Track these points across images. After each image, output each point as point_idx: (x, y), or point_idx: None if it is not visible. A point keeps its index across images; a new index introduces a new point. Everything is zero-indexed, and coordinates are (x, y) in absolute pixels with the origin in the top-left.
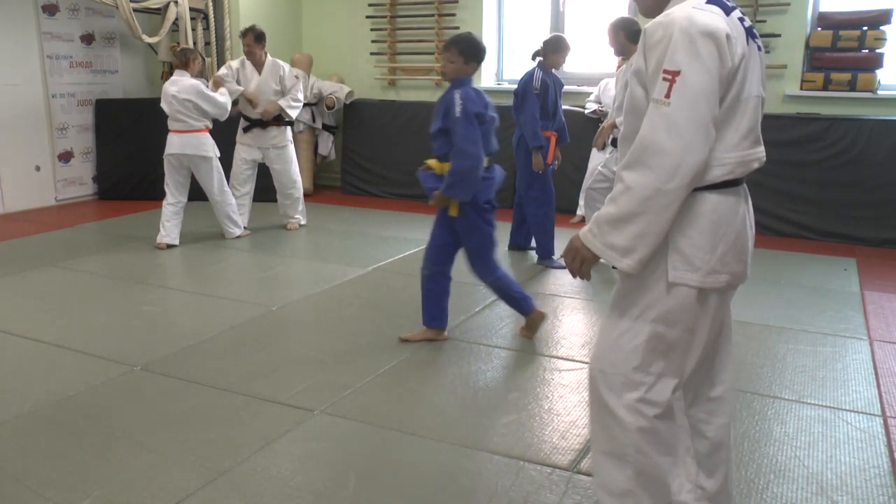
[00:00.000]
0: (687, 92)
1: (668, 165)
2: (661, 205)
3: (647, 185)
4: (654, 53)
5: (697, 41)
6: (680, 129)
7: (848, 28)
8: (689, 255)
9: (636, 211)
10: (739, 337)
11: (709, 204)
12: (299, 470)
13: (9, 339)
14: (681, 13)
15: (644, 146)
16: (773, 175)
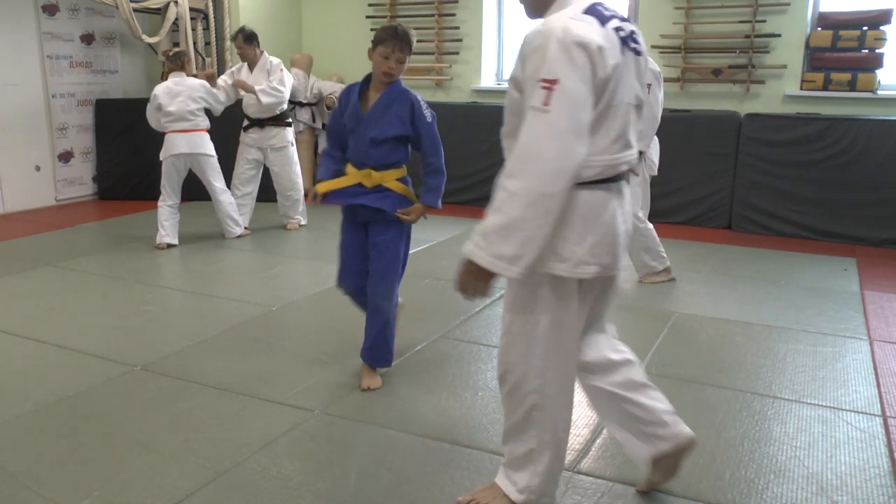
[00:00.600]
0: (565, 100)
1: (552, 170)
2: (545, 208)
3: (531, 191)
4: (530, 61)
5: (573, 51)
6: (561, 136)
7: (848, 28)
8: (557, 247)
9: (523, 217)
10: (739, 337)
11: (576, 200)
12: (299, 470)
13: (9, 339)
14: (557, 23)
15: (526, 153)
16: (773, 175)
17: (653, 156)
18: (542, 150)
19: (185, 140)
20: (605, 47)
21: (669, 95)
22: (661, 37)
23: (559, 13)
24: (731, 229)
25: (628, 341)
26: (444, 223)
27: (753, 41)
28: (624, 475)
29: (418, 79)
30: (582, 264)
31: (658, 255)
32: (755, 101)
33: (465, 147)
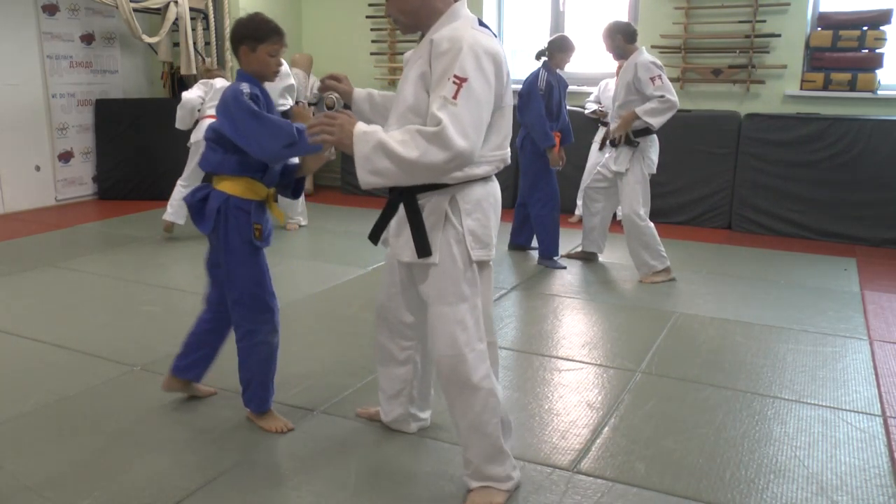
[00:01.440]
0: (472, 97)
1: (450, 156)
2: (426, 175)
3: (430, 159)
4: (440, 61)
5: (482, 58)
6: (464, 128)
7: (848, 28)
8: (481, 236)
9: (410, 166)
10: (739, 337)
11: (484, 192)
12: (299, 470)
13: (9, 339)
14: (466, 33)
15: (429, 133)
16: (773, 175)
17: (652, 154)
18: (448, 136)
19: None
20: (503, 58)
21: None
22: (661, 37)
23: (456, 24)
24: (731, 229)
25: (629, 341)
26: None
27: (753, 41)
28: (624, 475)
29: None
30: (491, 248)
31: (658, 254)
32: (755, 101)
33: None
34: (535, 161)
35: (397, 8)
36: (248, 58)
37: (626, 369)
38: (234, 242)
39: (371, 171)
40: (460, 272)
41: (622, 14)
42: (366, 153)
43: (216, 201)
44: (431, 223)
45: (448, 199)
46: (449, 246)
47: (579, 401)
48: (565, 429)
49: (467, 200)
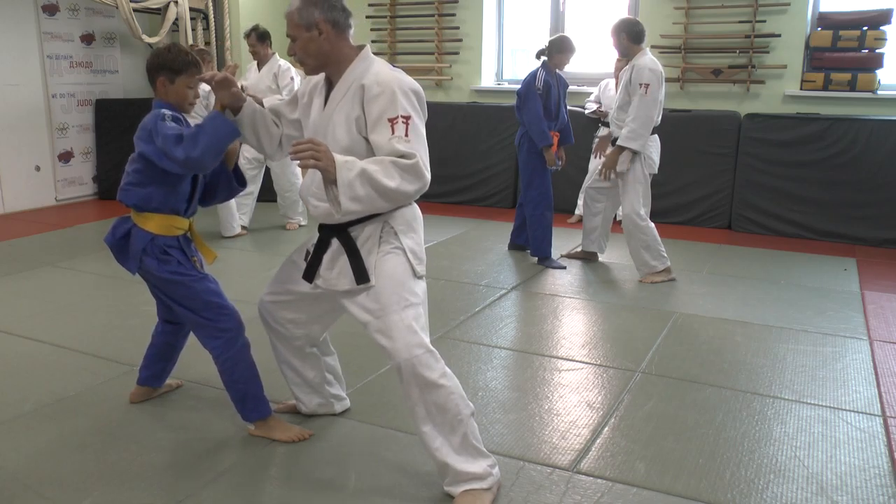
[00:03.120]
0: (417, 132)
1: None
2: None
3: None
4: (376, 104)
5: (410, 96)
6: (426, 161)
7: (848, 28)
8: (419, 253)
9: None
10: (739, 337)
11: (411, 213)
12: (299, 470)
13: (9, 339)
14: (389, 75)
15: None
16: (773, 175)
17: (652, 154)
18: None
19: None
20: (422, 92)
21: (670, 95)
22: (661, 37)
23: (376, 69)
24: (731, 229)
25: (629, 341)
26: (445, 223)
27: (753, 41)
28: (624, 475)
29: (418, 79)
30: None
31: (659, 254)
32: (755, 101)
33: (465, 147)
34: (531, 160)
35: (304, 51)
36: (166, 89)
37: (626, 369)
38: (169, 273)
39: (352, 197)
40: (404, 285)
41: (622, 14)
42: (349, 180)
43: (140, 242)
44: (367, 250)
45: (381, 226)
46: (388, 266)
47: (579, 401)
48: (565, 429)
49: (400, 223)
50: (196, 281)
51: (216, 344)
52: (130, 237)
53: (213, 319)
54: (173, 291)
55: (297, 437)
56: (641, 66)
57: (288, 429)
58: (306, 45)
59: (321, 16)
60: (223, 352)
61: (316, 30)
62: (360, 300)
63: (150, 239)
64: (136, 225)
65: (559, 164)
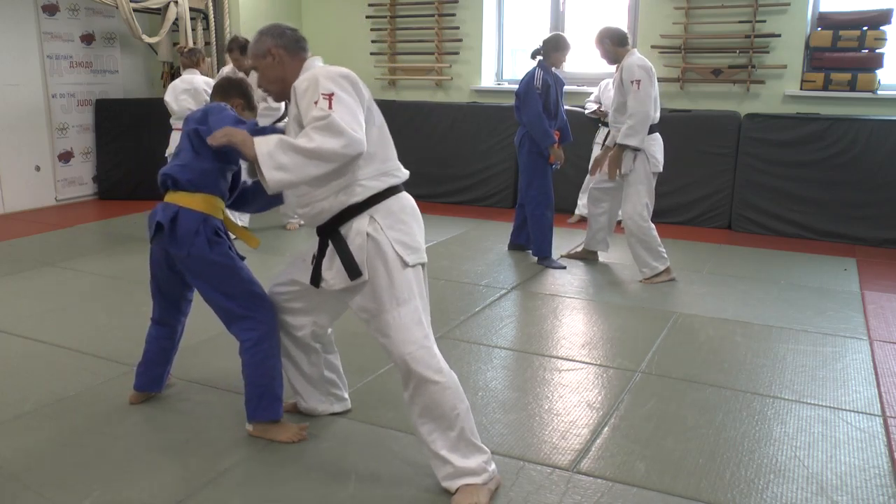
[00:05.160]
0: (343, 103)
1: (344, 141)
2: (327, 164)
3: (328, 146)
4: (304, 97)
5: (337, 78)
6: (348, 122)
7: (848, 28)
8: (409, 243)
9: (310, 154)
10: (739, 337)
11: (398, 205)
12: (299, 470)
13: (9, 339)
14: (315, 69)
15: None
16: (773, 175)
17: (656, 153)
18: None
19: None
20: (358, 79)
21: (670, 95)
22: (661, 37)
23: (311, 70)
24: (731, 229)
25: (629, 341)
26: (445, 223)
27: (753, 41)
28: (624, 475)
29: (418, 79)
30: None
31: (659, 254)
32: (755, 101)
33: (465, 147)
34: (532, 160)
35: (265, 79)
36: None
37: (626, 369)
38: (219, 256)
39: (275, 166)
40: (395, 280)
41: (622, 14)
42: (269, 150)
43: (193, 222)
44: (357, 245)
45: (367, 220)
46: (378, 260)
47: (579, 401)
48: (565, 429)
49: (384, 216)
50: (242, 269)
51: (251, 335)
52: (178, 220)
53: (254, 310)
54: (218, 276)
55: (296, 438)
56: (630, 65)
57: (287, 429)
58: (265, 72)
59: (272, 42)
60: (256, 343)
61: (270, 56)
62: (358, 301)
63: (202, 219)
64: (182, 207)
65: (558, 163)
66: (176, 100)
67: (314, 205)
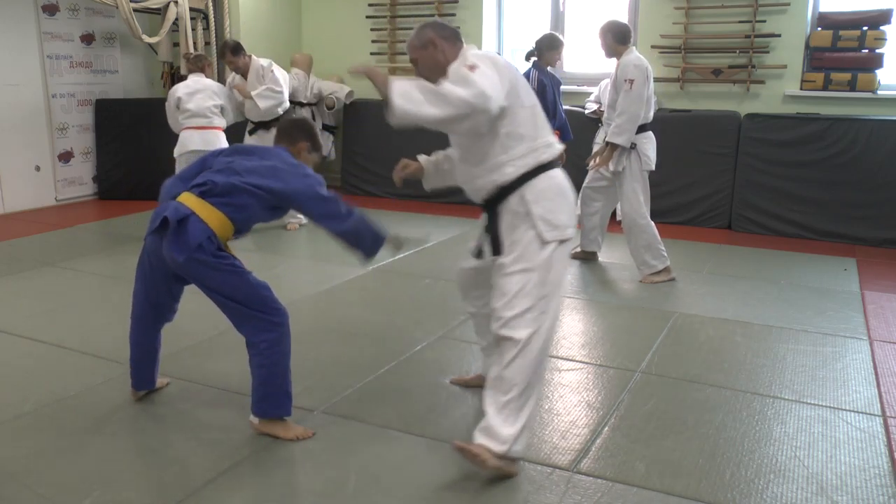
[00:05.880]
0: (484, 72)
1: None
2: (451, 106)
3: (457, 93)
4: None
5: (481, 57)
6: (484, 80)
7: (848, 28)
8: (551, 220)
9: (437, 94)
10: (739, 337)
11: (547, 183)
12: (299, 470)
13: (9, 339)
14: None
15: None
16: (773, 175)
17: (648, 151)
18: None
19: (200, 137)
20: (506, 63)
21: (670, 95)
22: (661, 37)
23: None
24: (731, 229)
25: (629, 341)
26: (444, 223)
27: (753, 41)
28: (624, 475)
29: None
30: (567, 227)
31: (659, 254)
32: (755, 101)
33: None
34: None
35: (426, 67)
36: (303, 155)
37: (626, 369)
38: (228, 267)
39: (402, 93)
40: (525, 250)
41: (622, 14)
42: (405, 86)
43: (201, 234)
44: (507, 222)
45: (518, 199)
46: (522, 235)
47: (579, 401)
48: (565, 429)
49: (532, 193)
50: (248, 273)
51: (268, 337)
52: (188, 224)
53: (267, 313)
54: (225, 282)
55: (301, 436)
56: (626, 63)
57: (292, 428)
58: (426, 62)
59: (434, 33)
60: (273, 344)
61: (431, 46)
62: (502, 263)
63: (209, 235)
64: (195, 214)
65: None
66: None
67: (473, 181)
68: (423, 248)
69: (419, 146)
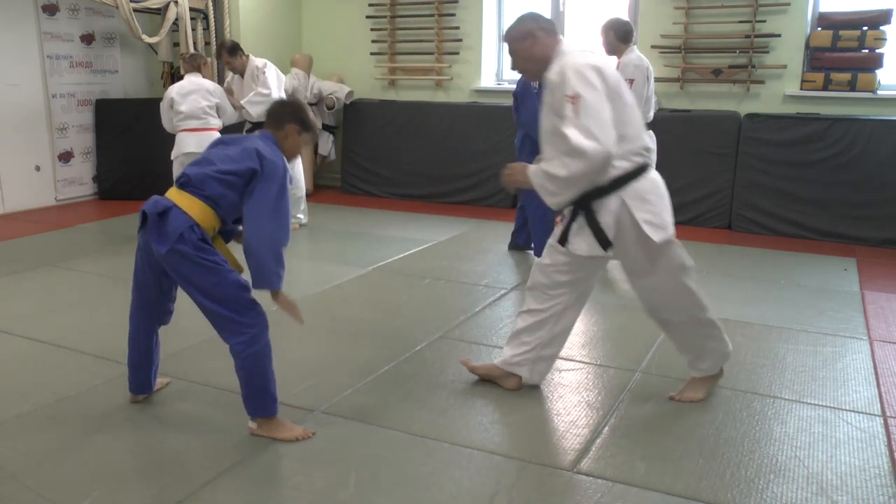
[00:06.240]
0: (587, 106)
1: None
2: (584, 180)
3: (574, 170)
4: (556, 90)
5: (584, 72)
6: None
7: (848, 28)
8: (656, 222)
9: (566, 181)
10: (739, 337)
11: (647, 185)
12: (299, 470)
13: (9, 339)
14: (565, 60)
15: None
16: (773, 175)
17: None
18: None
19: (196, 139)
20: (605, 65)
21: (669, 95)
22: (661, 37)
23: (561, 59)
24: (731, 229)
25: (629, 341)
26: (444, 223)
27: (753, 41)
28: (624, 475)
29: (418, 79)
30: (670, 226)
31: None
32: (755, 101)
33: (464, 147)
34: (532, 160)
35: (523, 58)
36: (290, 137)
37: (626, 369)
38: (207, 263)
39: (550, 193)
40: (641, 254)
41: (622, 14)
42: (539, 183)
43: (180, 224)
44: (606, 223)
45: (618, 202)
46: (628, 238)
47: (579, 401)
48: (565, 429)
49: (634, 198)
50: (228, 272)
51: (239, 340)
52: (169, 216)
53: (240, 314)
54: (203, 279)
55: (300, 436)
56: (626, 63)
57: (291, 428)
58: (524, 54)
59: (534, 25)
60: (245, 348)
61: (531, 38)
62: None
63: (190, 225)
64: (177, 205)
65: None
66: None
67: None
68: (424, 248)
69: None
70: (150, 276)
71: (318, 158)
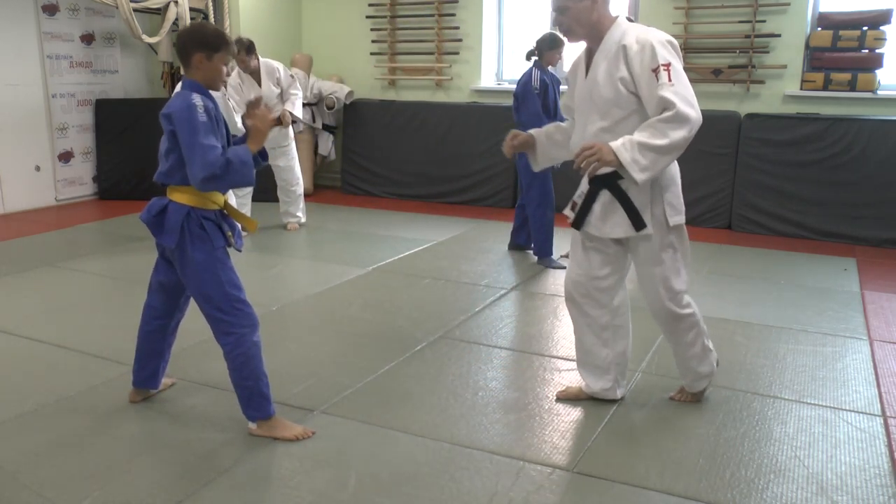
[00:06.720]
0: (679, 74)
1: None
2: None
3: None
4: (639, 59)
5: (667, 45)
6: (688, 100)
7: (848, 28)
8: (676, 205)
9: (666, 149)
10: (739, 337)
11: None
12: (299, 470)
13: (9, 339)
14: (642, 32)
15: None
16: (773, 175)
17: None
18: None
19: None
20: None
21: None
22: None
23: (628, 29)
24: (731, 229)
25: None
26: (445, 223)
27: (753, 41)
28: (624, 475)
29: (418, 79)
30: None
31: None
32: (755, 101)
33: (465, 147)
34: None
35: (576, 21)
36: (202, 66)
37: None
38: (201, 254)
39: (640, 168)
40: (665, 237)
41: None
42: (632, 157)
43: (177, 215)
44: (640, 202)
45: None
46: (655, 218)
47: (579, 400)
48: (565, 429)
49: (665, 177)
50: (222, 269)
51: (229, 340)
52: (167, 212)
53: (229, 313)
54: (199, 275)
55: (300, 436)
56: None
57: (291, 428)
58: (578, 15)
59: None
60: (234, 348)
61: (592, 1)
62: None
63: (186, 212)
64: (171, 200)
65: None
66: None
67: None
68: (424, 248)
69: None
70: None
71: (318, 158)
